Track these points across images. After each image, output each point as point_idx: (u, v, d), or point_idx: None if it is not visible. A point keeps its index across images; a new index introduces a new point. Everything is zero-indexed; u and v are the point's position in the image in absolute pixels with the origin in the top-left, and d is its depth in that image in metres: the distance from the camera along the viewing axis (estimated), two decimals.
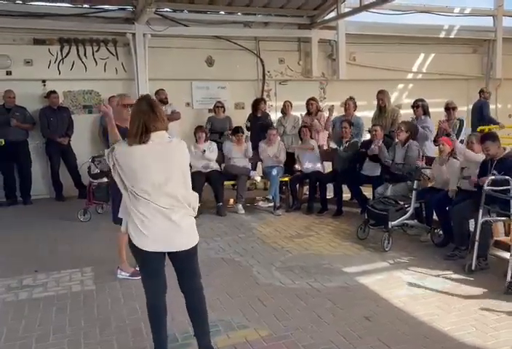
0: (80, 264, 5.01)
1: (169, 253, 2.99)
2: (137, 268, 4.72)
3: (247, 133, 7.87)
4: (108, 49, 8.37)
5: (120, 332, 3.59)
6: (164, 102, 7.89)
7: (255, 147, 7.54)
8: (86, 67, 8.22)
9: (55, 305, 4.06)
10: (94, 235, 6.05)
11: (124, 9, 8.21)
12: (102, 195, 6.48)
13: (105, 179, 6.25)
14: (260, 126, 7.81)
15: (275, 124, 8.07)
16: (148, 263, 3.02)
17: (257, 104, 8.08)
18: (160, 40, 8.38)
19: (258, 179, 7.16)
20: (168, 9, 8.48)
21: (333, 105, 7.73)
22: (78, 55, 8.19)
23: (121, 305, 4.07)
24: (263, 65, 9.31)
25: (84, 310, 3.98)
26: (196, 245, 3.03)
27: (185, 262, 3.03)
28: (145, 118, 2.81)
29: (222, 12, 8.96)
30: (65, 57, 8.13)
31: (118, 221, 4.56)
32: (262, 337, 3.45)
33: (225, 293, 4.17)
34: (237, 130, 7.26)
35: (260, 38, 9.23)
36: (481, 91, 9.38)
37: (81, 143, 8.14)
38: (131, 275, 4.63)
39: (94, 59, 8.27)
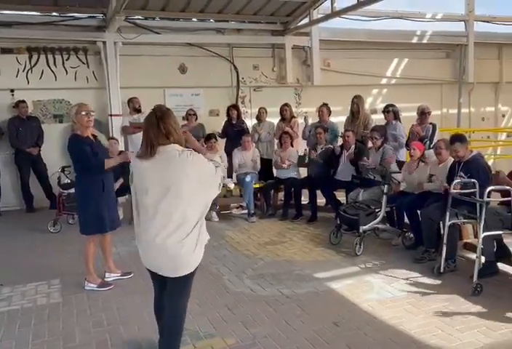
0: (47, 276, 4.91)
1: None
2: (106, 279, 4.68)
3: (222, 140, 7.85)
4: (78, 57, 8.27)
5: (84, 345, 3.52)
6: (138, 110, 7.82)
7: (231, 154, 7.51)
8: (55, 76, 8.11)
9: (19, 319, 3.97)
10: (64, 247, 5.94)
11: (94, 17, 8.15)
12: (73, 205, 6.35)
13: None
14: (234, 134, 7.78)
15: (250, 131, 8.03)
16: (150, 274, 3.13)
17: (228, 111, 8.06)
18: (132, 48, 8.32)
19: (232, 186, 7.11)
20: (139, 17, 8.44)
21: (306, 112, 7.75)
22: (48, 64, 8.08)
23: (87, 317, 3.99)
24: (237, 72, 9.28)
25: (49, 323, 3.89)
26: (189, 274, 2.94)
27: (170, 285, 3.00)
28: (150, 132, 2.82)
29: (195, 19, 8.92)
30: (34, 66, 8.02)
31: (86, 232, 4.51)
32: (228, 346, 3.42)
33: (193, 302, 4.03)
34: (209, 137, 7.21)
35: (234, 44, 9.22)
36: None
37: (52, 153, 7.97)
38: (98, 286, 4.57)
39: (64, 67, 8.17)
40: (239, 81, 9.35)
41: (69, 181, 6.49)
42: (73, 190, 6.25)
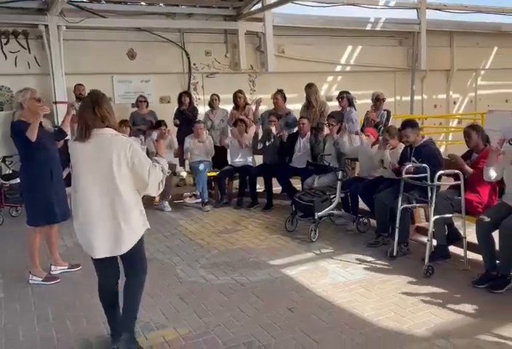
0: None
1: None
2: (52, 272, 4.47)
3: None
4: (18, 41, 7.78)
5: (28, 341, 3.37)
6: (80, 98, 7.49)
7: (182, 142, 7.31)
8: None
9: None
10: (7, 240, 5.66)
11: None
12: (16, 197, 6.05)
13: (18, 180, 5.84)
14: (185, 121, 7.59)
15: (202, 118, 7.84)
16: (94, 262, 3.11)
17: (179, 98, 7.84)
18: (76, 32, 7.95)
19: (184, 174, 6.94)
20: (84, 0, 8.07)
21: (261, 98, 7.66)
22: None
23: (31, 312, 3.82)
24: (189, 58, 9.03)
25: None
26: (131, 249, 3.01)
27: (124, 263, 3.13)
28: (85, 116, 2.92)
29: (143, 3, 8.61)
30: None
31: (35, 223, 4.30)
32: (181, 336, 3.35)
33: (144, 293, 3.87)
34: (159, 123, 7.01)
35: (185, 30, 8.95)
36: None
37: None
38: (44, 280, 4.37)
39: (3, 52, 7.68)
40: (191, 67, 9.10)
41: (11, 171, 6.17)
42: (15, 181, 5.99)
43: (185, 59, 9.05)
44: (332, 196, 5.52)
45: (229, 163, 7.43)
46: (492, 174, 4.09)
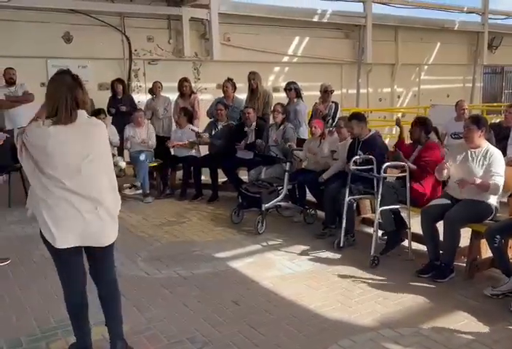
0: None
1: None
2: None
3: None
4: None
5: None
6: (10, 82, 6.97)
7: (120, 132, 6.96)
8: None
9: None
10: None
11: None
12: None
13: None
14: (121, 110, 7.26)
15: (143, 107, 7.51)
16: (65, 260, 2.73)
17: (112, 85, 7.49)
18: (5, 12, 7.46)
19: (123, 165, 6.61)
20: None
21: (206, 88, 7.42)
22: None
23: None
24: (129, 43, 8.72)
25: None
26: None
27: (101, 256, 2.82)
28: (74, 92, 2.51)
29: None
30: None
31: None
32: None
33: None
34: (98, 112, 6.63)
35: (125, 14, 8.62)
36: None
37: None
38: None
39: None
40: (132, 53, 8.78)
41: None
42: None
43: (125, 44, 8.73)
44: (279, 188, 5.42)
45: (172, 153, 7.17)
46: (445, 174, 4.12)
